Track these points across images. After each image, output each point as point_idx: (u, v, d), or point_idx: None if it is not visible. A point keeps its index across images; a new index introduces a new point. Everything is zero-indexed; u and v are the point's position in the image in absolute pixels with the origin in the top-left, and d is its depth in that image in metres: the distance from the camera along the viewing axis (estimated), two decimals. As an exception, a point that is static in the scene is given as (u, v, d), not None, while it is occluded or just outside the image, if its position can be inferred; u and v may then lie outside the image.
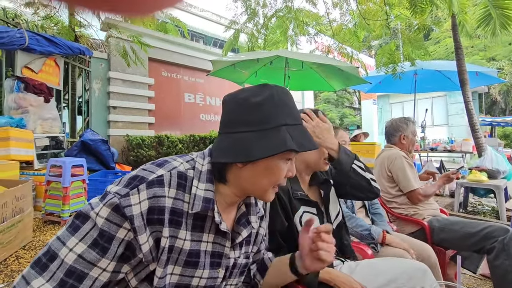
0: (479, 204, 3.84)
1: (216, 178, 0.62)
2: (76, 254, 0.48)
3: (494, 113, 15.08)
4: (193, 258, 0.58)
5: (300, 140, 0.59)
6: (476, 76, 4.90)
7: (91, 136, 3.83)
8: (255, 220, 0.71)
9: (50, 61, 4.01)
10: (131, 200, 0.51)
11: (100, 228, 0.49)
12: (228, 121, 0.62)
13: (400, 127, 1.86)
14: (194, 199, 0.57)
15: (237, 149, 0.58)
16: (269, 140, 0.57)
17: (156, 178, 0.54)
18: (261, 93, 0.60)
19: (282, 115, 0.59)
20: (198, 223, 0.59)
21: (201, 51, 6.49)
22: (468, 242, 1.45)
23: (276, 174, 0.61)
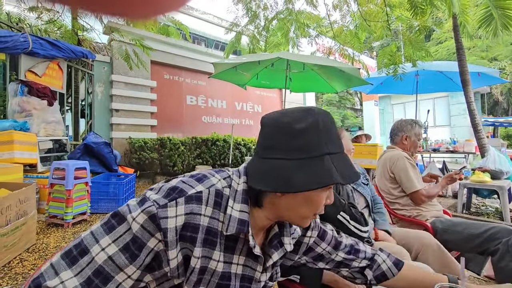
0: (483, 205, 3.82)
1: (252, 201, 0.60)
2: (107, 254, 0.48)
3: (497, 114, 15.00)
4: (225, 281, 0.57)
5: (344, 171, 0.55)
6: (478, 76, 4.89)
7: (94, 139, 3.85)
8: (289, 241, 0.67)
9: (53, 64, 4.05)
10: (168, 212, 0.50)
11: (134, 234, 0.49)
12: (267, 146, 0.58)
13: (404, 127, 1.86)
14: (229, 220, 0.55)
15: (277, 177, 0.54)
16: (312, 170, 0.53)
17: (195, 194, 0.54)
18: (305, 119, 0.57)
19: (326, 143, 0.56)
20: (230, 244, 0.57)
21: (203, 54, 6.52)
22: (472, 243, 1.44)
23: (316, 204, 0.59)
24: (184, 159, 5.25)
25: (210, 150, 5.59)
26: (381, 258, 0.79)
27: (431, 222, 1.63)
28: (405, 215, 1.72)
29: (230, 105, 6.97)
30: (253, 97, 7.41)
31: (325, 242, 0.76)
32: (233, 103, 7.03)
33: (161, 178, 5.30)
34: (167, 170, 5.15)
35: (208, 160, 5.56)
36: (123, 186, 3.30)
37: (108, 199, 3.27)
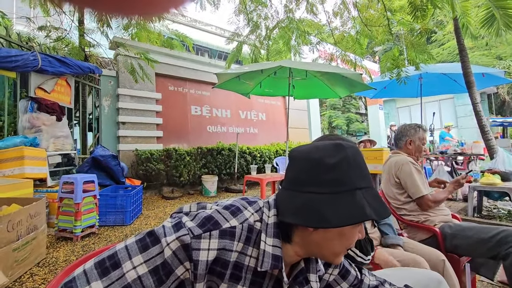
0: (494, 207, 3.73)
1: (282, 237, 0.59)
2: (137, 274, 0.49)
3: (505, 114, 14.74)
4: None
5: (376, 206, 0.55)
6: (483, 77, 4.85)
7: (102, 152, 3.91)
8: (315, 279, 0.65)
9: (61, 81, 4.17)
10: (201, 244, 0.51)
11: (165, 258, 0.50)
12: (298, 179, 0.59)
13: (408, 131, 1.85)
14: (263, 255, 0.54)
15: (309, 211, 0.54)
16: (345, 206, 0.53)
17: (229, 229, 0.54)
18: (336, 154, 0.57)
19: (357, 178, 0.56)
20: (258, 279, 0.57)
21: (206, 65, 6.63)
22: (482, 248, 1.41)
23: (349, 239, 0.58)
24: (190, 169, 5.28)
25: (216, 159, 5.62)
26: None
27: (440, 227, 1.60)
28: (412, 221, 1.69)
29: (234, 114, 7.02)
30: (257, 105, 7.46)
31: (347, 282, 0.75)
32: (238, 112, 7.09)
33: (167, 189, 5.33)
34: (173, 180, 5.18)
35: (214, 169, 5.59)
36: (131, 198, 3.34)
37: (115, 211, 3.30)
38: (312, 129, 8.77)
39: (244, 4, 5.60)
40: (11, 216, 1.92)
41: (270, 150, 6.39)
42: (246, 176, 4.30)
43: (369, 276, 0.79)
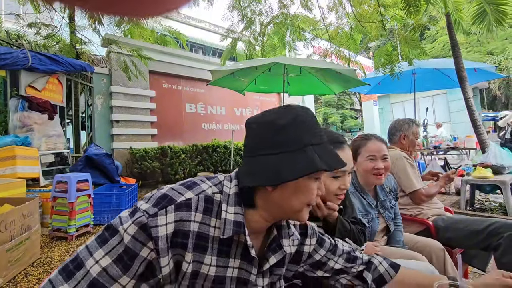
0: (486, 200, 3.80)
1: (245, 203, 0.61)
2: (101, 267, 0.50)
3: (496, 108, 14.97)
4: (218, 285, 0.58)
5: (328, 159, 0.59)
6: (475, 72, 4.91)
7: (95, 150, 3.87)
8: (288, 243, 0.68)
9: (53, 79, 4.10)
10: (158, 221, 0.52)
11: (125, 245, 0.51)
12: (253, 145, 0.62)
13: (402, 126, 1.88)
14: (224, 223, 0.57)
15: (265, 171, 0.57)
16: (297, 161, 0.56)
17: (184, 201, 0.55)
18: (285, 115, 0.61)
19: (307, 136, 0.59)
20: (224, 248, 0.59)
21: (200, 62, 6.58)
22: (474, 240, 1.44)
23: (307, 194, 0.61)
24: (186, 167, 5.26)
25: (211, 157, 5.61)
26: (377, 261, 0.81)
27: (433, 220, 1.62)
28: (406, 214, 1.72)
29: (229, 111, 7.00)
30: (252, 102, 7.45)
31: (324, 248, 0.78)
32: (232, 109, 7.07)
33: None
34: (168, 178, 5.16)
35: (210, 167, 5.58)
36: (126, 196, 3.31)
37: (110, 210, 3.28)
38: (307, 125, 8.80)
39: (238, 0, 5.56)
40: (3, 217, 1.90)
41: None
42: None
43: (342, 242, 0.84)
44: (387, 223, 1.37)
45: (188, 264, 0.54)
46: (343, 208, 1.06)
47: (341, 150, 0.96)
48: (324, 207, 0.95)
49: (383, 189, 1.41)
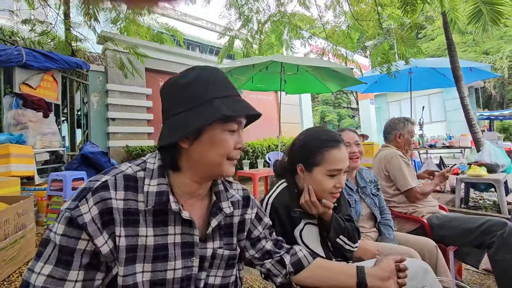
0: (481, 198, 3.84)
1: (170, 168, 0.65)
2: (44, 275, 0.51)
3: (492, 107, 15.12)
4: (160, 252, 0.60)
5: (235, 107, 0.62)
6: (470, 71, 4.94)
7: (91, 148, 3.84)
8: (228, 205, 0.71)
9: (48, 76, 4.05)
10: (81, 210, 0.53)
11: (59, 245, 0.52)
12: (165, 108, 0.65)
13: (397, 125, 1.89)
14: (147, 196, 0.59)
15: (176, 128, 0.61)
16: (203, 112, 0.60)
17: (100, 185, 0.57)
18: (188, 74, 0.64)
19: (213, 90, 0.62)
20: (160, 218, 0.61)
21: (197, 60, 6.55)
22: (468, 238, 1.45)
23: (223, 146, 0.63)
24: (182, 165, 5.24)
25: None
26: (298, 247, 0.87)
27: (428, 218, 1.64)
28: (401, 212, 1.73)
29: (226, 110, 6.98)
30: (249, 100, 7.23)
31: (261, 225, 0.82)
32: (229, 107, 7.05)
33: (160, 185, 5.29)
34: (165, 176, 5.14)
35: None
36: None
37: (107, 208, 3.26)
38: (304, 124, 8.81)
39: (235, -2, 5.54)
40: (-3, 215, 1.88)
41: (262, 145, 6.40)
42: (239, 172, 4.30)
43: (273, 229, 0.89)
44: (371, 209, 1.43)
45: (120, 238, 0.55)
46: (337, 206, 1.07)
47: (337, 149, 0.96)
48: (319, 204, 0.95)
49: (363, 178, 1.50)
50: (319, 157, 0.96)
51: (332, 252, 1.03)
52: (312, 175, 0.97)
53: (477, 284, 1.76)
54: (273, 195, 1.00)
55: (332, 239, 0.99)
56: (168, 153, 0.64)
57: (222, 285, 0.70)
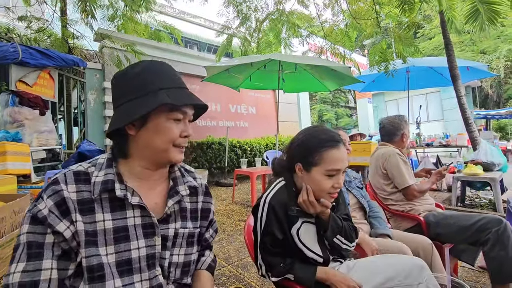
0: (476, 197, 3.87)
1: (119, 156, 0.70)
2: (19, 272, 0.54)
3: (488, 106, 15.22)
4: (122, 233, 0.63)
5: (177, 97, 0.66)
6: (468, 70, 4.97)
7: (88, 146, 3.82)
8: (184, 188, 0.76)
9: (44, 73, 4.02)
10: (39, 207, 0.58)
11: (27, 242, 0.56)
12: (115, 98, 0.70)
13: (401, 125, 1.87)
14: (93, 186, 0.63)
15: (121, 115, 0.65)
16: (147, 102, 0.64)
17: (50, 182, 0.62)
18: (137, 65, 0.69)
19: (160, 81, 0.67)
20: (117, 203, 0.65)
21: (195, 58, 6.52)
22: (464, 235, 1.46)
23: (167, 133, 0.67)
24: (180, 163, 5.23)
25: (206, 153, 5.59)
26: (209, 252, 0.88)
27: (424, 216, 1.65)
28: (398, 210, 1.74)
29: (224, 108, 6.97)
30: (247, 99, 7.43)
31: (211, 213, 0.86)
32: (227, 106, 7.04)
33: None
34: (163, 175, 5.13)
35: (204, 163, 5.56)
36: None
37: (104, 206, 3.25)
38: (302, 122, 8.82)
39: (233, -4, 5.52)
40: (-7, 213, 1.87)
41: (260, 143, 6.40)
42: (237, 170, 4.30)
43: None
44: (358, 199, 1.48)
45: (77, 222, 0.59)
46: (335, 205, 1.07)
47: (336, 149, 0.95)
48: (317, 204, 0.95)
49: (347, 175, 1.57)
50: (318, 157, 0.95)
51: (329, 250, 1.03)
52: (310, 175, 0.97)
53: (472, 281, 1.78)
54: (271, 194, 1.00)
55: (329, 238, 1.00)
56: (118, 141, 0.70)
57: (185, 262, 0.74)
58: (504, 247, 1.33)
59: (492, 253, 1.35)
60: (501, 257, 1.32)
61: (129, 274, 0.63)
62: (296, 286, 0.93)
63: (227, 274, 1.97)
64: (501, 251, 1.32)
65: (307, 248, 0.97)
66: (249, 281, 1.87)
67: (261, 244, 0.98)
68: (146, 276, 0.65)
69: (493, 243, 1.35)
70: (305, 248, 0.97)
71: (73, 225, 0.59)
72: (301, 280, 0.93)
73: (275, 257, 0.97)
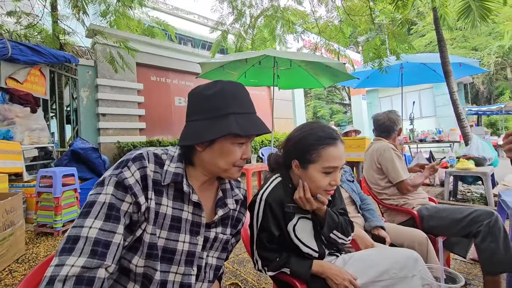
0: (468, 191, 3.94)
1: (185, 161, 0.74)
2: (97, 228, 0.57)
3: (480, 103, 15.45)
4: (176, 223, 0.69)
5: (245, 125, 0.70)
6: (460, 67, 5.03)
7: (81, 144, 3.78)
8: (232, 202, 0.81)
9: (35, 70, 3.95)
10: (125, 174, 0.63)
11: (109, 203, 0.60)
12: (188, 112, 0.75)
13: (398, 120, 1.89)
14: (165, 173, 0.68)
15: (193, 134, 0.70)
16: (217, 125, 0.68)
17: (138, 155, 0.67)
18: (213, 86, 0.72)
19: (231, 105, 0.70)
20: (179, 195, 0.70)
21: (189, 54, 6.47)
22: (456, 228, 1.49)
23: (231, 156, 0.72)
24: (175, 161, 5.21)
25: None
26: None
27: (418, 209, 1.67)
28: (392, 204, 1.76)
29: (219, 105, 6.94)
30: (242, 95, 7.40)
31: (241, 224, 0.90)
32: (222, 103, 7.01)
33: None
34: (158, 172, 5.10)
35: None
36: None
37: (98, 204, 3.22)
38: (297, 119, 8.84)
39: (227, -9, 5.47)
40: (-15, 212, 1.84)
41: (255, 140, 6.40)
42: (232, 167, 4.29)
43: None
44: (349, 193, 1.49)
45: (151, 200, 0.65)
46: (332, 200, 1.08)
47: (334, 147, 0.94)
48: (313, 201, 0.95)
49: None
50: (315, 154, 0.94)
51: (326, 245, 1.04)
52: (307, 172, 0.96)
53: (464, 273, 1.81)
54: (267, 191, 1.00)
55: (325, 234, 1.00)
56: (186, 151, 0.74)
57: (217, 266, 0.79)
58: (495, 239, 1.35)
59: (483, 244, 1.37)
60: (492, 248, 1.35)
61: (169, 263, 0.67)
62: (293, 280, 0.94)
63: (224, 270, 1.98)
64: (492, 242, 1.35)
65: (303, 244, 0.97)
66: (246, 277, 1.88)
67: (258, 240, 0.99)
68: (181, 271, 0.69)
69: (484, 235, 1.37)
70: (301, 244, 0.97)
71: (147, 201, 0.64)
72: (297, 274, 0.94)
73: (271, 253, 0.97)
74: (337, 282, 0.89)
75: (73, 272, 0.52)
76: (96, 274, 0.54)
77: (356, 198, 1.52)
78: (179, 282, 0.68)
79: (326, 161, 0.93)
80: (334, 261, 1.03)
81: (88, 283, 0.53)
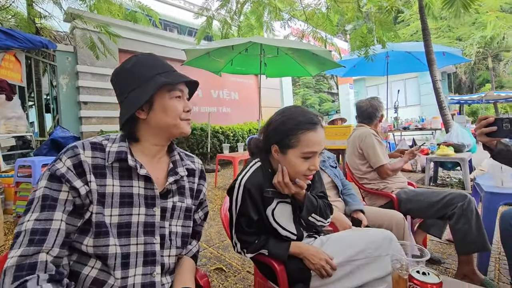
0: (448, 177, 4.09)
1: (129, 139, 0.77)
2: (32, 220, 0.60)
3: (462, 92, 15.87)
4: (127, 199, 0.71)
5: (173, 77, 0.76)
6: (443, 56, 5.13)
7: (61, 133, 3.66)
8: (183, 170, 0.84)
9: (9, 56, 3.75)
10: (57, 166, 0.66)
11: (42, 195, 0.63)
12: (118, 93, 0.78)
13: (380, 107, 1.92)
14: (108, 154, 0.72)
15: (130, 105, 0.73)
16: (149, 87, 0.73)
17: (70, 146, 0.70)
18: (130, 60, 0.78)
19: (154, 68, 0.76)
20: (125, 173, 0.73)
21: (174, 41, 6.30)
22: (432, 210, 1.55)
23: (174, 110, 0.76)
24: (161, 150, 5.14)
25: (188, 139, 5.51)
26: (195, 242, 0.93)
27: (396, 193, 1.73)
28: (372, 188, 1.81)
29: (206, 93, 6.84)
30: (229, 84, 7.31)
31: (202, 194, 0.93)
32: (209, 91, 6.91)
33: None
34: (144, 162, 5.03)
35: (186, 149, 5.49)
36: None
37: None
38: (285, 108, 8.83)
39: (212, -25, 5.30)
40: (-43, 203, 1.77)
41: (243, 129, 6.38)
42: (219, 155, 4.29)
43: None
44: (332, 178, 1.53)
45: (91, 183, 0.67)
46: (311, 183, 1.09)
47: (313, 132, 0.94)
48: (292, 186, 0.95)
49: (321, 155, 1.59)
50: (294, 139, 0.93)
51: (304, 228, 1.06)
52: (286, 157, 0.96)
53: (439, 253, 1.90)
54: (246, 176, 0.99)
55: (304, 217, 1.02)
56: (128, 128, 0.77)
57: (184, 233, 0.83)
58: (468, 220, 1.42)
59: (457, 226, 1.44)
60: (465, 229, 1.41)
61: (127, 236, 0.70)
62: (271, 261, 0.96)
63: (208, 256, 2.00)
64: (465, 224, 1.41)
65: (282, 228, 0.99)
66: (230, 262, 1.91)
67: (236, 224, 0.99)
68: (141, 241, 0.71)
69: (458, 217, 1.44)
70: (280, 228, 0.99)
71: (87, 185, 0.66)
72: (275, 255, 0.96)
73: (249, 236, 0.99)
74: (313, 262, 0.92)
75: (12, 262, 0.56)
76: (38, 259, 0.57)
77: (338, 183, 1.55)
78: (142, 252, 0.71)
79: (306, 146, 0.93)
80: (312, 243, 1.05)
81: (29, 268, 0.56)
